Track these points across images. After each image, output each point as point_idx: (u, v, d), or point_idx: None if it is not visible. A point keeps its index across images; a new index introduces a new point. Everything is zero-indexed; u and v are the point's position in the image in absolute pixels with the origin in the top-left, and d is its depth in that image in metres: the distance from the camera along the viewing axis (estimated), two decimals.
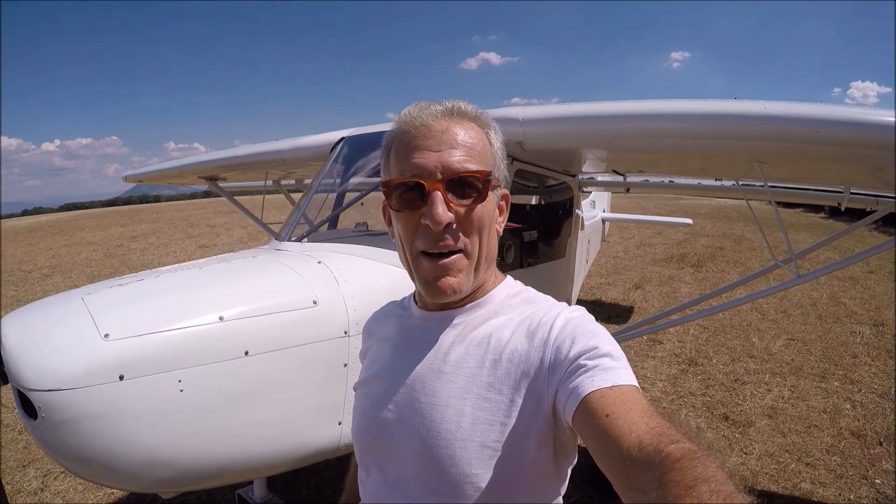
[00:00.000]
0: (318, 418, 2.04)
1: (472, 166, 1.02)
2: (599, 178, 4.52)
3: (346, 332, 2.06)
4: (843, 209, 4.08)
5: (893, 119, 1.99)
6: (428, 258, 1.04)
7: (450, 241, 1.02)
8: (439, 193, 1.00)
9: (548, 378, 0.97)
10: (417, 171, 1.01)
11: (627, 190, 4.82)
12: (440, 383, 1.05)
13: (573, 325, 1.01)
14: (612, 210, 8.84)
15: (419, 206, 1.02)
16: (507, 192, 1.15)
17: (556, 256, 3.82)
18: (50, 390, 1.54)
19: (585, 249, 5.71)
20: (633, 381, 0.90)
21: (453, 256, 1.04)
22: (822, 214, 24.34)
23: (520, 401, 0.98)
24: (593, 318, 1.06)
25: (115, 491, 3.77)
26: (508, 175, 1.15)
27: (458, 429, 1.00)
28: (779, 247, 5.04)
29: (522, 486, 1.00)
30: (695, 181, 4.80)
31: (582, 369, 0.91)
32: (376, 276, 2.31)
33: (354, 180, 3.16)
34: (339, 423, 2.10)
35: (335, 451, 2.15)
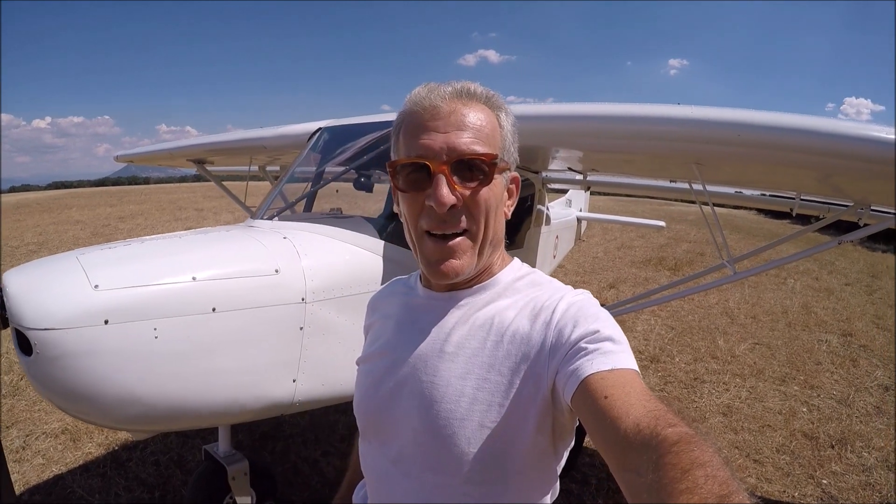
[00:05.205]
0: (275, 373, 2.27)
1: (479, 149, 1.01)
2: (563, 176, 4.75)
3: (303, 299, 2.30)
4: (793, 214, 4.26)
5: (811, 124, 2.12)
6: (432, 239, 1.04)
7: (454, 224, 1.03)
8: (444, 175, 1.00)
9: (548, 360, 0.98)
10: (423, 152, 1.01)
11: (588, 188, 5.03)
12: (442, 363, 1.06)
13: (576, 308, 1.01)
14: (599, 211, 9.05)
15: (424, 187, 1.02)
16: (516, 175, 1.15)
17: (511, 247, 4.02)
18: (45, 329, 1.78)
19: (553, 245, 5.91)
20: (634, 365, 0.91)
21: (457, 238, 1.04)
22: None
23: (519, 382, 1.00)
24: (597, 301, 1.07)
25: (91, 450, 3.99)
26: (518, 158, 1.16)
27: (456, 408, 1.01)
28: (735, 248, 5.23)
29: (519, 466, 1.02)
30: (651, 182, 5.00)
31: (583, 352, 0.92)
32: (336, 253, 2.55)
33: (329, 167, 3.35)
34: (294, 381, 2.33)
35: (290, 406, 2.37)
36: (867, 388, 5.77)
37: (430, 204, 1.01)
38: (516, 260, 1.21)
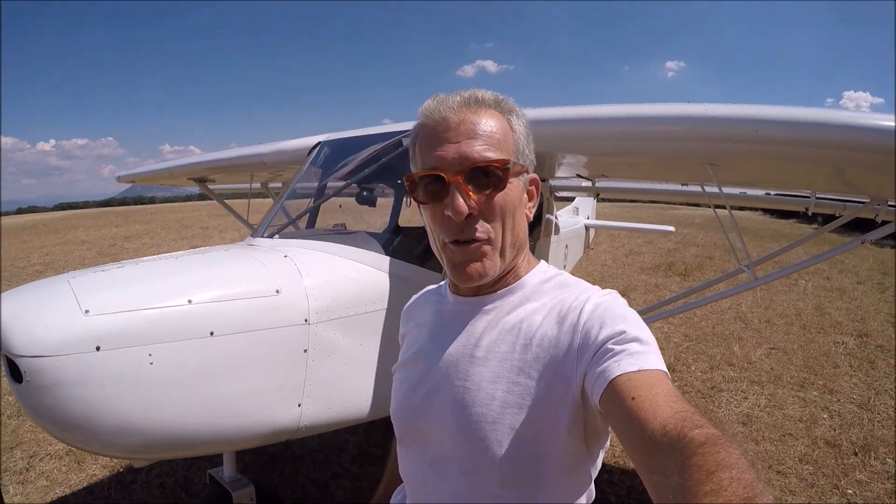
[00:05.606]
0: (278, 398, 2.18)
1: (492, 155, 1.03)
2: (571, 184, 4.67)
3: (306, 320, 2.21)
4: (810, 214, 4.16)
5: (832, 118, 2.04)
6: (455, 244, 1.06)
7: (472, 231, 1.04)
8: (459, 185, 1.02)
9: (576, 362, 0.98)
10: (437, 164, 1.04)
11: (598, 195, 4.94)
12: (473, 368, 1.08)
13: (602, 309, 1.02)
14: (603, 218, 9.00)
15: (442, 198, 1.04)
16: (535, 176, 1.16)
17: None
18: (35, 356, 1.71)
19: (563, 254, 5.83)
20: (661, 365, 0.91)
21: (477, 242, 1.06)
22: (815, 226, 24.30)
23: (549, 385, 1.01)
24: (625, 301, 1.08)
25: (96, 472, 3.96)
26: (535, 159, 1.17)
27: (488, 411, 1.03)
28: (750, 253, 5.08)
29: (553, 467, 1.03)
30: (662, 186, 4.89)
31: (610, 353, 0.93)
32: (340, 271, 2.46)
33: (330, 182, 3.28)
34: (299, 405, 2.24)
35: (295, 431, 2.28)
36: (887, 391, 5.62)
37: (448, 214, 1.03)
38: (543, 262, 1.22)
